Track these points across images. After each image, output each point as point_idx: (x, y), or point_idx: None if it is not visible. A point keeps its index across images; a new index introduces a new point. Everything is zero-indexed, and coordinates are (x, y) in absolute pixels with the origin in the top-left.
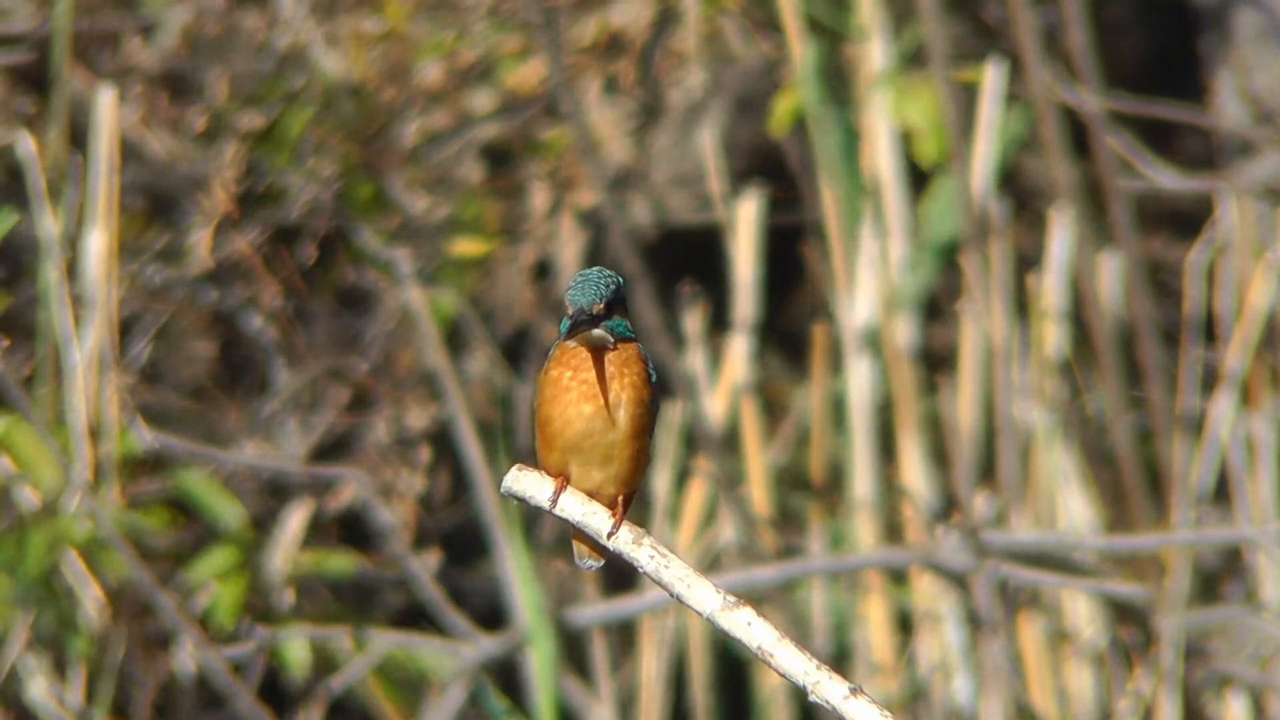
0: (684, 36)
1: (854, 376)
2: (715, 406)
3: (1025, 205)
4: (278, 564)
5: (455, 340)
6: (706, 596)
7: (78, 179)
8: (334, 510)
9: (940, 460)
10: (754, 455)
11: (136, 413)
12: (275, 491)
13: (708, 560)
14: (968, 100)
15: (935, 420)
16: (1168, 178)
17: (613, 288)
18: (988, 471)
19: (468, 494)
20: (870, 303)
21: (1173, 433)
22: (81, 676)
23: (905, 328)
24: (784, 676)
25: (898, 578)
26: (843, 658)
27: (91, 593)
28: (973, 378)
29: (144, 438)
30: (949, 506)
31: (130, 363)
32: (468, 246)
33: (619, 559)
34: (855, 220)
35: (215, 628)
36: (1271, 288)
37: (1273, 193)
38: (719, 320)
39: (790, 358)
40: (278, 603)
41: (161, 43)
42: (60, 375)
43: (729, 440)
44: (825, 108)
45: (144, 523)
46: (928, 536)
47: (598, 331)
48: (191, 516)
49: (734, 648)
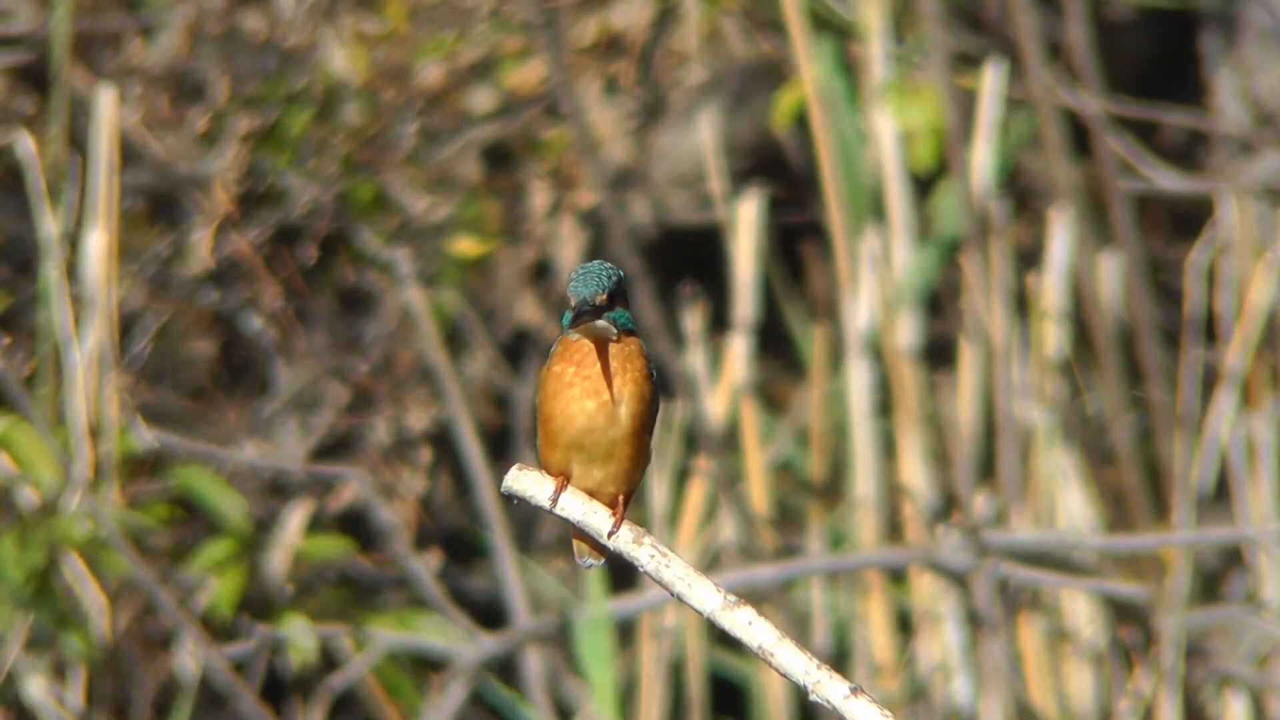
0: (684, 36)
1: (855, 376)
2: (715, 406)
3: (1025, 205)
4: (278, 563)
5: (455, 340)
6: (707, 596)
7: (78, 179)
8: (335, 510)
9: (940, 460)
10: (753, 455)
11: (136, 412)
12: (276, 491)
13: (707, 559)
14: (968, 101)
15: (935, 420)
16: (1168, 178)
17: (614, 279)
18: (988, 471)
19: (468, 494)
20: (871, 302)
21: (1173, 432)
22: (81, 676)
23: (906, 327)
24: (784, 676)
25: (898, 577)
26: (843, 658)
27: (91, 592)
28: (973, 377)
29: (144, 437)
30: (949, 506)
31: (130, 362)
32: (468, 246)
33: (619, 558)
34: (860, 219)
35: (215, 617)
36: (1271, 288)
37: (1273, 193)
38: (719, 320)
39: (790, 358)
40: (279, 601)
41: (162, 43)
42: (60, 375)
43: (729, 440)
44: (831, 106)
45: (144, 521)
46: (928, 536)
47: (601, 322)
48: (191, 515)
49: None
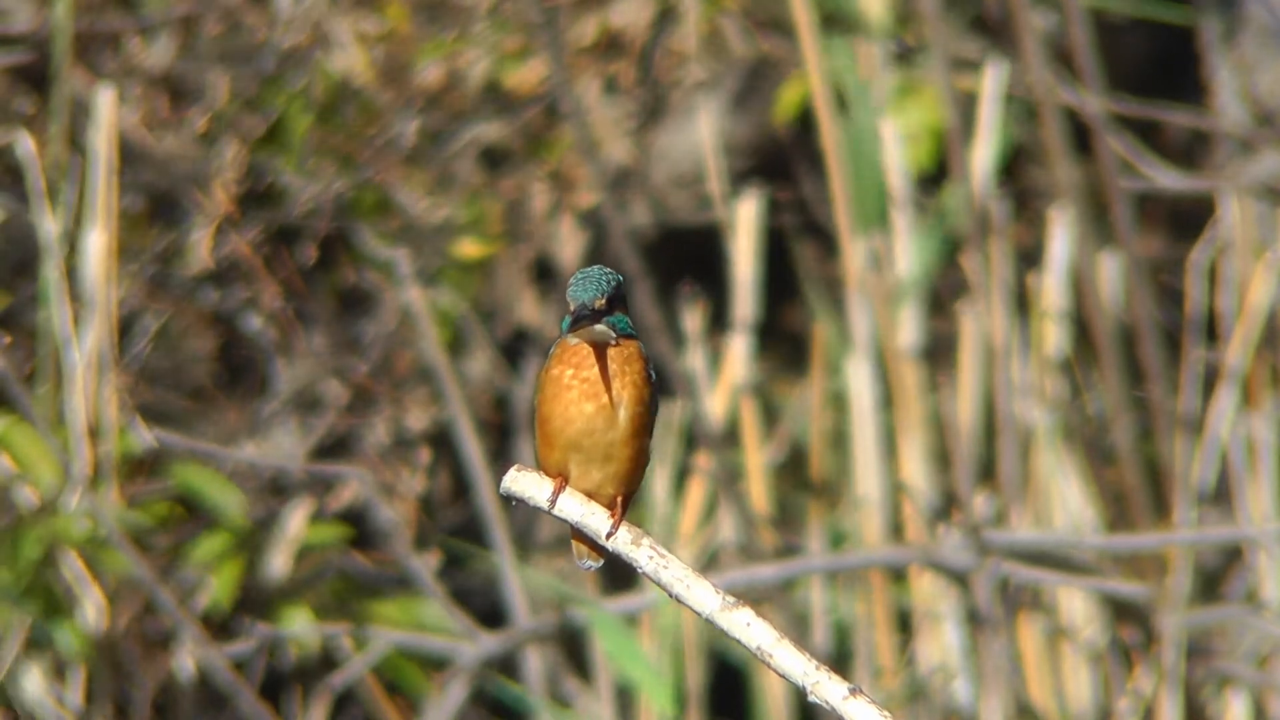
0: (684, 36)
1: (856, 375)
2: (715, 406)
3: (1025, 205)
4: (278, 562)
5: (455, 340)
6: (706, 597)
7: (77, 179)
8: (334, 510)
9: (940, 459)
10: (753, 454)
11: (136, 412)
12: (276, 491)
13: (706, 559)
14: (968, 101)
15: (936, 419)
16: (1168, 178)
17: (613, 284)
18: (988, 471)
19: (468, 494)
20: (872, 301)
21: (1173, 432)
22: (81, 676)
23: (906, 327)
24: (783, 677)
25: (898, 577)
26: (843, 658)
27: (91, 592)
28: (973, 377)
29: (143, 437)
30: (949, 505)
31: (130, 362)
32: (469, 248)
33: (618, 559)
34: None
35: (215, 612)
36: (1272, 287)
37: (1273, 192)
38: (719, 320)
39: (790, 358)
40: (278, 597)
41: (162, 43)
42: (60, 375)
43: (728, 439)
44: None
45: (143, 521)
46: (928, 535)
47: (600, 326)
48: (191, 514)
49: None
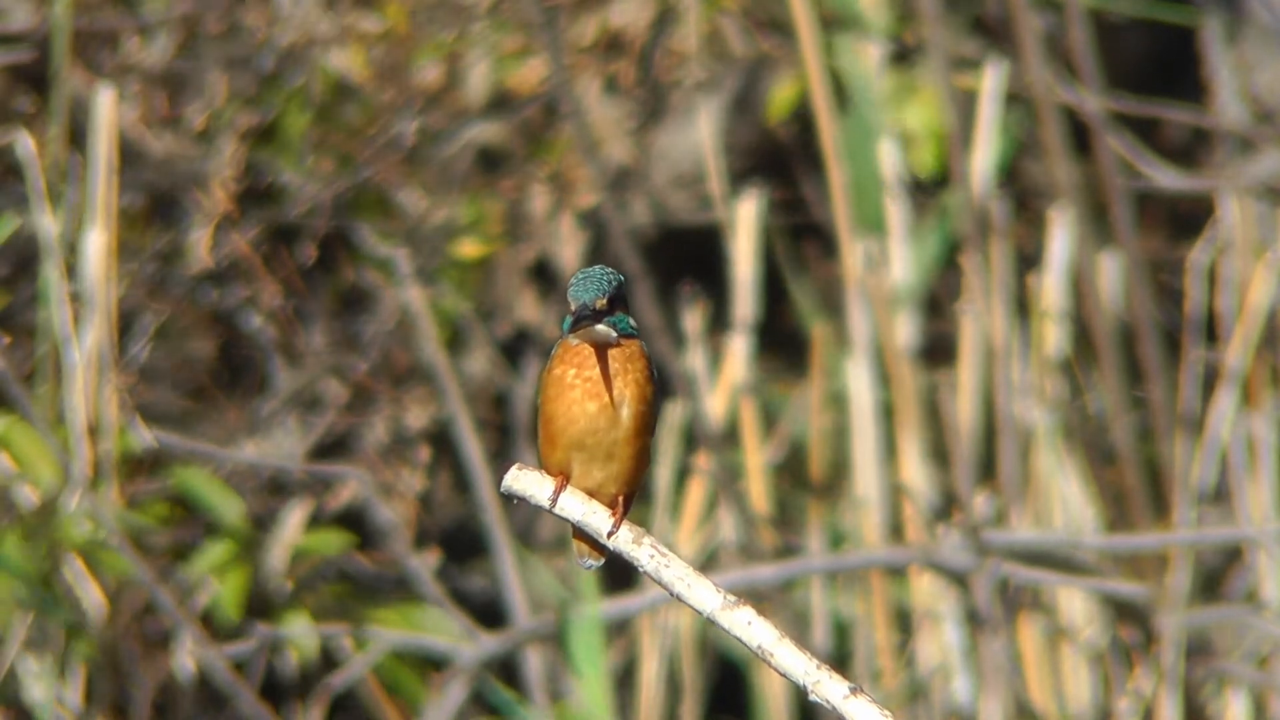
0: (684, 36)
1: (856, 376)
2: (715, 406)
3: (1025, 205)
4: (278, 562)
5: (455, 340)
6: (706, 596)
7: (77, 178)
8: (334, 509)
9: (940, 459)
10: (753, 454)
11: (136, 412)
12: (275, 490)
13: (706, 559)
14: (968, 101)
15: (936, 419)
16: (1168, 177)
17: (615, 284)
18: (988, 471)
19: (467, 493)
20: (870, 300)
21: (1173, 432)
22: (81, 676)
23: (906, 327)
24: (784, 676)
25: (898, 576)
26: (843, 658)
27: (91, 592)
28: (973, 377)
29: (143, 437)
30: (949, 505)
31: (130, 362)
32: (469, 248)
33: (619, 558)
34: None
35: (220, 620)
36: (1272, 287)
37: (1273, 192)
38: (719, 320)
39: (790, 358)
40: (278, 599)
41: (161, 41)
42: (60, 374)
43: (728, 439)
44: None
45: (143, 521)
46: (928, 535)
47: (601, 327)
48: (191, 514)
49: (734, 647)
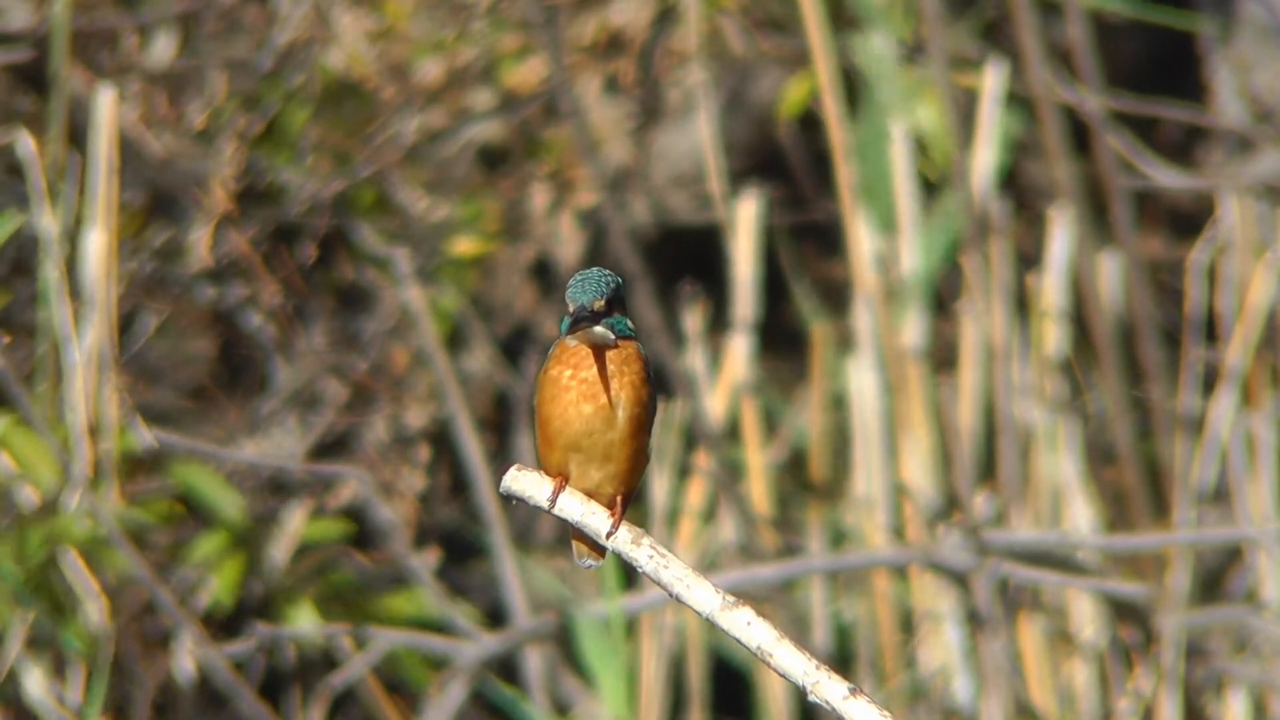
0: (684, 36)
1: (858, 375)
2: (715, 406)
3: (1025, 205)
4: (278, 562)
5: (455, 339)
6: (706, 596)
7: (77, 177)
8: (334, 508)
9: (941, 459)
10: (753, 454)
11: (136, 411)
12: (275, 490)
13: (707, 559)
14: (968, 100)
15: (936, 419)
16: (1168, 177)
17: (612, 286)
18: (988, 471)
19: (467, 492)
20: (873, 300)
21: (1173, 432)
22: (81, 676)
23: (908, 327)
24: (783, 676)
25: (898, 576)
26: (843, 658)
27: (91, 591)
28: (973, 377)
29: (143, 436)
30: (949, 505)
31: (129, 361)
32: (467, 246)
33: (619, 558)
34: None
35: (216, 610)
36: (1272, 287)
37: (1273, 191)
38: (719, 320)
39: (790, 358)
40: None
41: (160, 40)
42: (59, 373)
43: (728, 439)
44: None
45: (144, 519)
46: (928, 535)
47: (599, 328)
48: (191, 513)
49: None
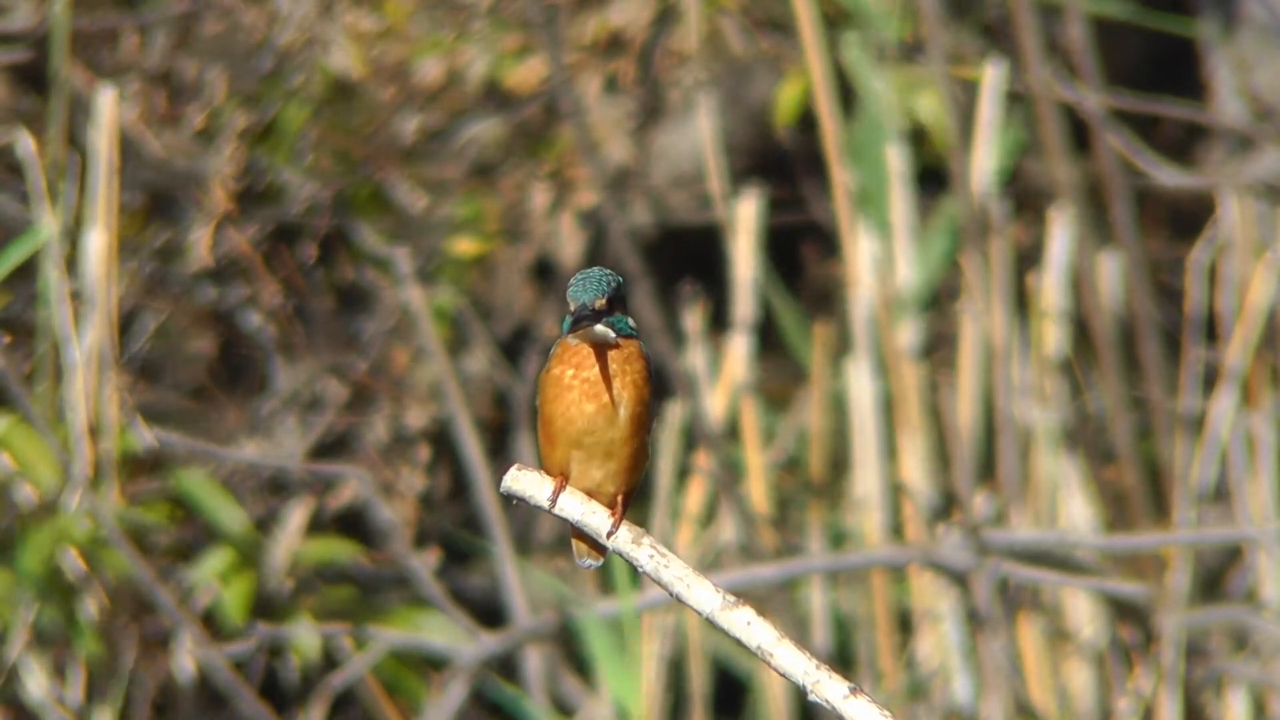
0: (684, 36)
1: (857, 375)
2: (715, 406)
3: (1025, 204)
4: (278, 562)
5: (455, 339)
6: (706, 596)
7: (76, 177)
8: (334, 509)
9: (940, 459)
10: (753, 454)
11: (136, 411)
12: (275, 490)
13: (707, 559)
14: (968, 99)
15: (936, 419)
16: (1168, 176)
17: (614, 285)
18: (988, 470)
19: (467, 492)
20: (872, 300)
21: (1173, 431)
22: (81, 676)
23: (907, 327)
24: (783, 676)
25: (898, 576)
26: (843, 658)
27: (92, 591)
28: (973, 377)
29: (144, 436)
30: (949, 505)
31: (130, 361)
32: (467, 246)
33: (619, 558)
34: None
35: (226, 625)
36: (1272, 286)
37: (1273, 191)
38: (719, 319)
39: (790, 357)
40: (279, 600)
41: (160, 40)
42: (60, 373)
43: (728, 439)
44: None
45: (144, 519)
46: (928, 535)
47: (600, 327)
48: (192, 514)
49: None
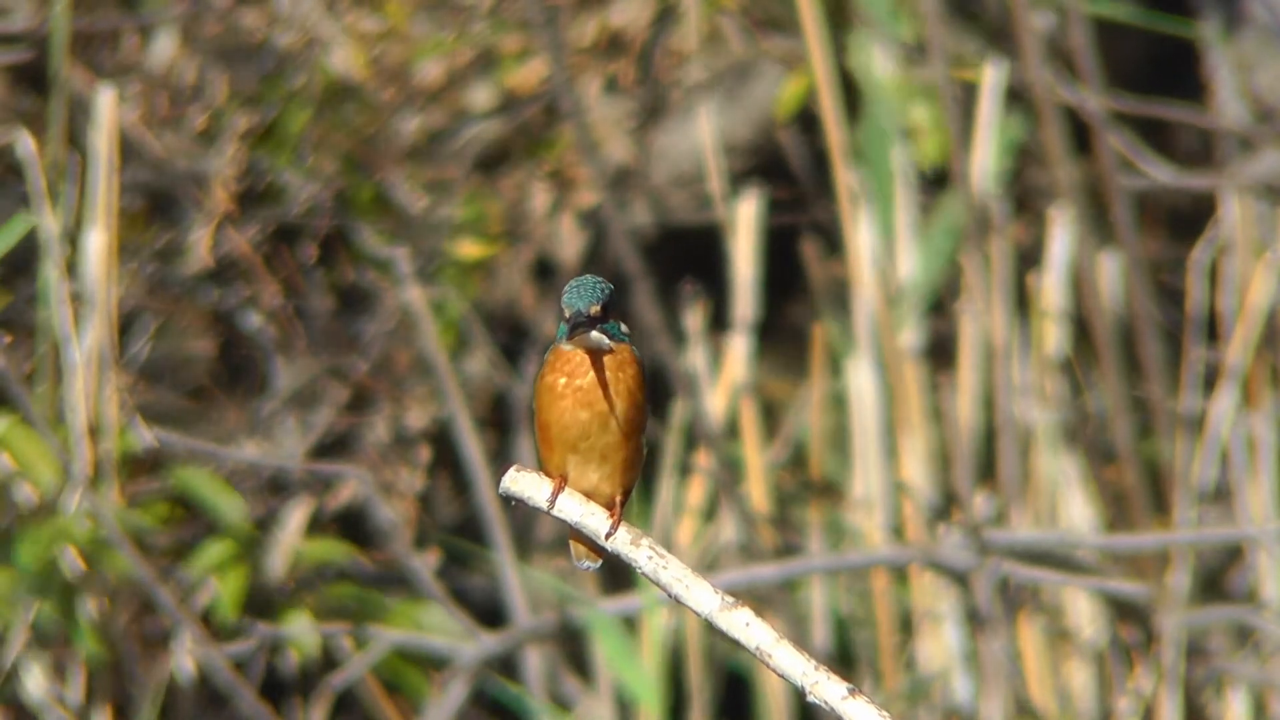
0: (684, 36)
1: (858, 375)
2: (715, 406)
3: (1025, 204)
4: (278, 562)
5: (455, 339)
6: (705, 597)
7: (77, 178)
8: (334, 508)
9: (941, 459)
10: (753, 454)
11: (136, 411)
12: (275, 490)
13: (707, 559)
14: (968, 100)
15: (936, 419)
16: (1168, 176)
17: (606, 292)
18: (988, 470)
19: (467, 492)
20: (874, 300)
21: (1173, 431)
22: (81, 676)
23: (907, 326)
24: (782, 677)
25: (898, 576)
26: (843, 658)
27: (92, 591)
28: (973, 377)
29: (144, 436)
30: (949, 505)
31: (130, 361)
32: (469, 249)
33: (618, 559)
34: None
35: (219, 620)
36: (1272, 286)
37: (1274, 191)
38: (719, 319)
39: (790, 358)
40: (279, 599)
41: (160, 41)
42: (60, 374)
43: (729, 439)
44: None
45: (144, 519)
46: (928, 535)
47: (595, 334)
48: (192, 514)
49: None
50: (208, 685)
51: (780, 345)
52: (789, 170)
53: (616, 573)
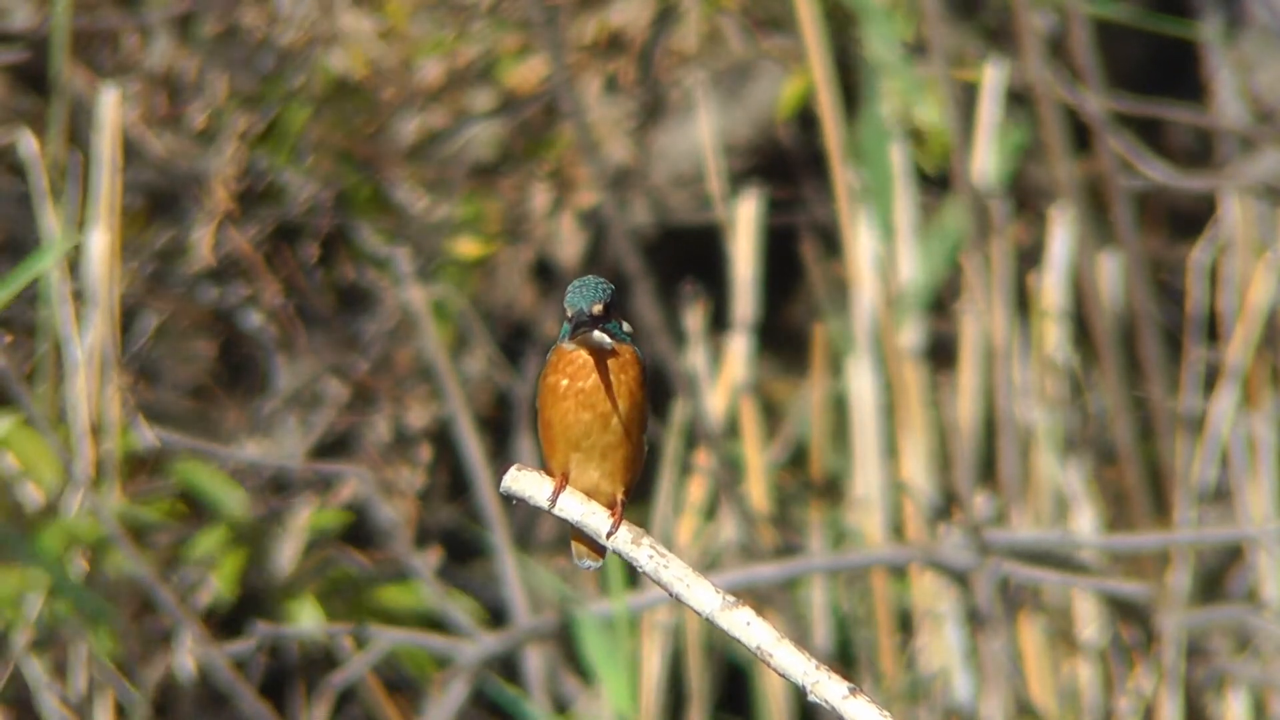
0: (684, 36)
1: (857, 375)
2: (715, 405)
3: (1026, 204)
4: (279, 562)
5: (455, 338)
6: (706, 596)
7: (79, 177)
8: (335, 508)
9: (941, 459)
10: (754, 454)
11: (137, 411)
12: (276, 489)
13: (708, 559)
14: (969, 100)
15: (936, 419)
16: (1169, 176)
17: (608, 292)
18: (988, 470)
19: (468, 492)
20: (874, 300)
21: (1174, 431)
22: (82, 675)
23: (907, 326)
24: (783, 676)
25: (899, 576)
26: (843, 657)
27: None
28: (973, 376)
29: (145, 436)
30: (949, 505)
31: (131, 360)
32: (469, 248)
33: (618, 558)
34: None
35: (217, 601)
36: (1272, 286)
37: (1274, 191)
38: (719, 319)
39: (790, 358)
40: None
41: (161, 40)
42: (61, 373)
43: (729, 439)
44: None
45: (146, 517)
46: (929, 535)
47: (597, 334)
48: (193, 513)
49: (734, 647)
50: (207, 685)
51: (780, 345)
52: (789, 170)
53: (616, 573)
